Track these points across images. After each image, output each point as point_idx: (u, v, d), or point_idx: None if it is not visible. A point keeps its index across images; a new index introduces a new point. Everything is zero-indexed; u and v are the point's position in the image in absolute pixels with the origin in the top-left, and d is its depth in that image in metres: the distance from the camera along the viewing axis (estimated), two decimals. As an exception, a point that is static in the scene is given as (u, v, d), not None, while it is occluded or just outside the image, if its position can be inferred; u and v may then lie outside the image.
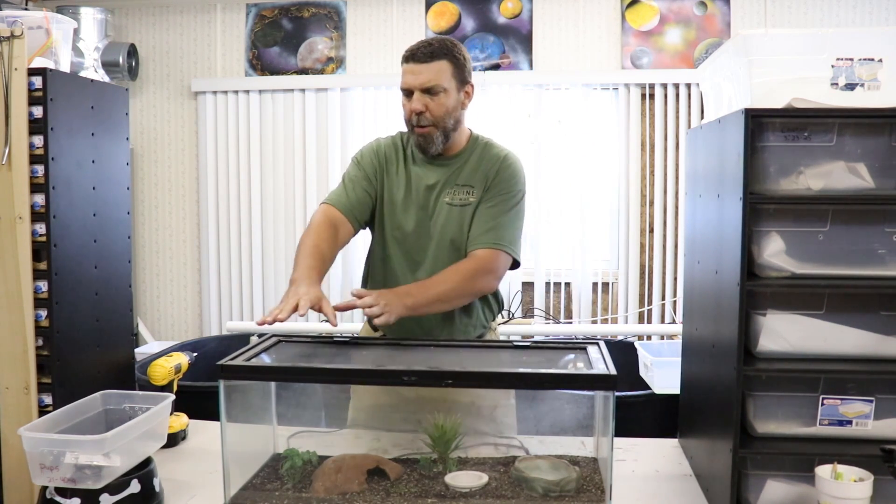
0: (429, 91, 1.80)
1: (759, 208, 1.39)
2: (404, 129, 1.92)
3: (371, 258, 1.99)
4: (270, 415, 1.71)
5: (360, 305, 1.63)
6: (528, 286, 4.21)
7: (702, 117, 3.82)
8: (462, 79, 1.84)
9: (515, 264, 1.89)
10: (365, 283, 2.00)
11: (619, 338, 3.75)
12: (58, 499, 1.41)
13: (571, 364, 1.57)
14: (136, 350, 2.92)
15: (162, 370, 1.92)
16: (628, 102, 4.11)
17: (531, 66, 4.14)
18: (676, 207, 4.10)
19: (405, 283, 1.86)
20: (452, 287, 1.78)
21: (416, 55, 1.80)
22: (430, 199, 1.88)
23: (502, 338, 3.62)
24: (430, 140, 1.83)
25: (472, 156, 1.90)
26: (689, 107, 4.08)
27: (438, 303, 1.78)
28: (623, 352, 3.04)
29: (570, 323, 4.13)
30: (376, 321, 1.63)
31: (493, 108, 4.14)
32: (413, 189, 1.89)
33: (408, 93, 1.82)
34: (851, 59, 1.41)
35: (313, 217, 1.86)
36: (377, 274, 1.95)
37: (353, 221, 1.88)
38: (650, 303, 4.15)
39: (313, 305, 1.56)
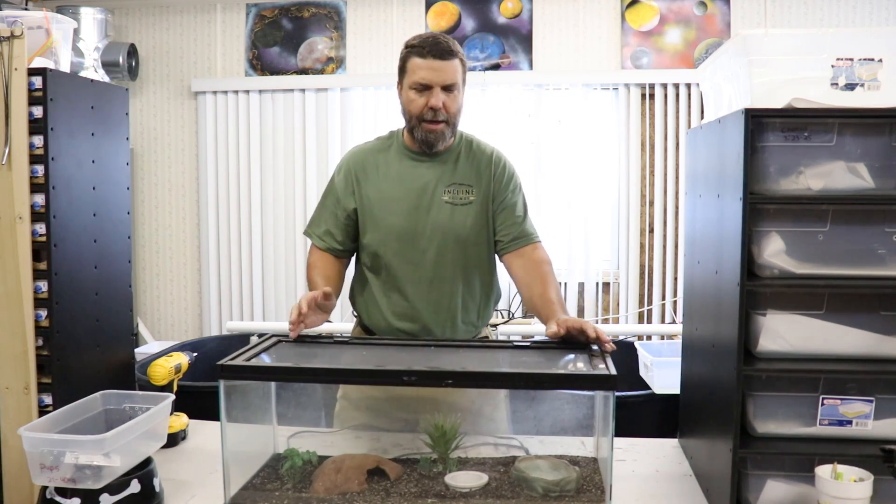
0: (447, 88, 1.80)
1: (759, 208, 1.39)
2: (391, 130, 1.97)
3: (360, 267, 1.97)
4: (270, 415, 1.71)
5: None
6: (528, 286, 4.20)
7: (702, 117, 3.82)
8: (465, 79, 1.87)
9: None
10: (354, 294, 1.99)
11: (620, 338, 3.75)
12: (58, 499, 1.41)
13: (571, 364, 1.57)
14: (136, 350, 2.92)
15: (162, 370, 1.92)
16: (628, 102, 4.11)
17: (531, 66, 4.14)
18: (676, 207, 4.10)
19: (404, 282, 1.87)
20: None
21: (437, 52, 1.78)
22: (425, 196, 1.87)
23: (502, 338, 3.64)
24: (441, 136, 1.83)
25: (461, 153, 1.92)
26: (689, 107, 4.07)
27: None
28: (623, 352, 3.02)
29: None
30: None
31: (493, 108, 4.14)
32: (403, 188, 1.88)
33: (424, 88, 1.80)
34: (851, 59, 1.41)
35: (309, 256, 1.96)
36: (372, 279, 1.92)
37: (344, 253, 1.96)
38: (650, 303, 4.14)
39: (313, 299, 1.64)
